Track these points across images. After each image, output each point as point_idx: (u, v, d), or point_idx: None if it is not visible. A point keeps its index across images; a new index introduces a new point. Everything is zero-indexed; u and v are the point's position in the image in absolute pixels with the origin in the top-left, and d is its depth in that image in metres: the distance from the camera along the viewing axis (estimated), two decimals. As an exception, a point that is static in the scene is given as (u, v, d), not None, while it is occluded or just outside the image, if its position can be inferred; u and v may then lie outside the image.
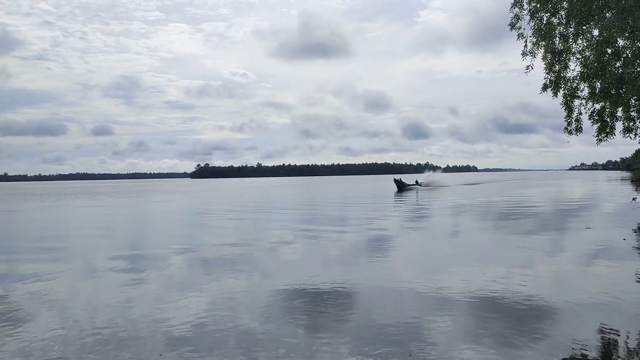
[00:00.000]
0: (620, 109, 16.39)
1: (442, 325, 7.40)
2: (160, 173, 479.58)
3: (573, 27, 15.30)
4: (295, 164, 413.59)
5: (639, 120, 16.48)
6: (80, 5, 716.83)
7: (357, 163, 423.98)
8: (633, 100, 16.03)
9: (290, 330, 7.34)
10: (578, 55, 15.93)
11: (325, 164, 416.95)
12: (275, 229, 21.97)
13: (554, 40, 15.87)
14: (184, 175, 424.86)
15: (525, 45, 16.45)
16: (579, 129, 16.76)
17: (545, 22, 15.82)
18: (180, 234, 20.84)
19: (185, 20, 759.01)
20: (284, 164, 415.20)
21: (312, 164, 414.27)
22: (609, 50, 14.95)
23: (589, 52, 15.43)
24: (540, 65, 16.55)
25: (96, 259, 14.48)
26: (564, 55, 16.05)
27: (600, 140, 16.79)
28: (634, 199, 28.70)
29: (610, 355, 6.27)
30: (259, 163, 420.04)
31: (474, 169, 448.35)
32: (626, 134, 16.69)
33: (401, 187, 63.80)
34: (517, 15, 16.38)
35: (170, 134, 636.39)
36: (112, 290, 10.18)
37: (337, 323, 7.67)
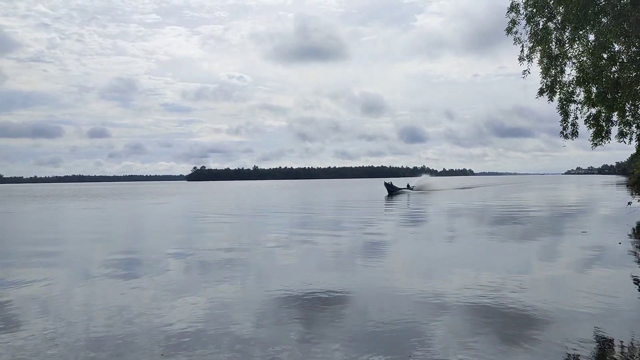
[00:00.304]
0: (615, 113, 16.45)
1: (437, 330, 7.36)
2: (156, 175, 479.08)
3: (569, 32, 15.37)
4: (291, 167, 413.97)
5: (634, 125, 16.54)
6: (77, 8, 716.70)
7: (354, 166, 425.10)
8: (628, 105, 16.09)
9: (286, 334, 7.29)
10: (574, 60, 16.00)
11: (322, 167, 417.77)
12: (267, 232, 21.91)
13: (550, 44, 15.93)
14: (180, 177, 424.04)
15: (522, 50, 16.51)
16: (575, 134, 16.81)
17: (541, 27, 15.88)
18: (177, 237, 20.75)
19: (183, 23, 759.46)
20: (280, 167, 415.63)
21: (309, 167, 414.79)
22: (605, 55, 15.02)
23: (585, 57, 15.49)
24: (537, 70, 16.62)
25: (94, 262, 14.39)
26: (560, 59, 16.10)
27: (595, 144, 16.85)
28: (629, 203, 28.75)
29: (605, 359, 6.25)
30: (255, 166, 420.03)
31: (470, 173, 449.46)
32: (621, 139, 16.75)
33: (392, 191, 62.50)
34: (514, 20, 16.45)
35: (167, 137, 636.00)
36: (110, 294, 10.11)
37: (332, 327, 7.62)
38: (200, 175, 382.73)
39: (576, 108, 16.72)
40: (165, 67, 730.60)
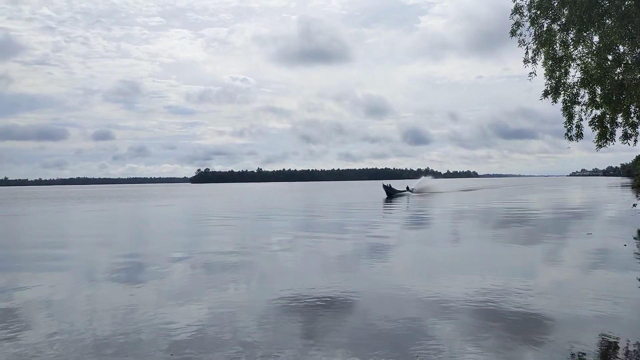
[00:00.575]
0: (620, 115, 16.41)
1: (442, 332, 7.36)
2: (160, 178, 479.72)
3: (573, 34, 15.35)
4: (295, 169, 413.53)
5: (639, 126, 16.47)
6: (82, 11, 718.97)
7: (358, 168, 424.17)
8: (633, 107, 16.05)
9: (291, 336, 7.30)
10: (578, 62, 15.98)
11: (326, 169, 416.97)
12: (269, 235, 21.95)
13: (555, 46, 15.92)
14: (184, 180, 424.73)
15: (527, 53, 16.51)
16: (579, 135, 16.78)
17: (545, 29, 15.88)
18: (182, 240, 20.84)
19: (187, 25, 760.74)
20: (284, 169, 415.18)
21: (313, 169, 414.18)
22: (610, 57, 15.00)
23: (590, 59, 15.47)
24: (541, 72, 16.60)
25: (101, 264, 14.50)
26: (565, 61, 16.09)
27: (600, 146, 16.83)
28: (634, 205, 28.65)
29: (612, 362, 6.24)
30: (259, 168, 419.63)
31: (474, 175, 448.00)
32: (625, 140, 16.71)
33: (391, 194, 60.02)
34: (518, 22, 16.44)
35: (171, 139, 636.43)
36: (117, 296, 10.17)
37: (337, 329, 7.64)
38: (204, 177, 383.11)
39: (581, 110, 16.70)
40: (169, 70, 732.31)
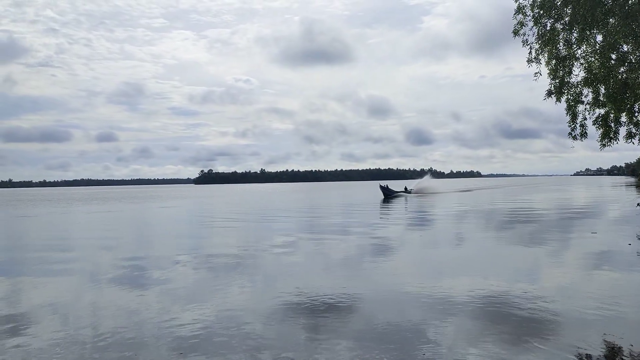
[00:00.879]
0: (624, 114, 16.40)
1: (447, 332, 7.39)
2: (164, 179, 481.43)
3: (577, 33, 15.34)
4: (298, 170, 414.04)
5: (643, 125, 16.43)
6: (85, 13, 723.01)
7: (361, 169, 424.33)
8: (637, 106, 16.04)
9: (296, 337, 7.34)
10: (582, 61, 15.98)
11: (329, 170, 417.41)
12: (269, 236, 22.03)
13: (558, 46, 15.92)
14: (188, 181, 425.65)
15: (530, 52, 16.51)
16: (584, 134, 16.76)
17: (549, 28, 15.88)
18: (189, 241, 20.94)
19: (189, 27, 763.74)
20: (287, 170, 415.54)
21: (316, 170, 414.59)
22: (614, 56, 14.99)
23: (594, 58, 15.46)
24: (545, 71, 16.60)
25: (108, 266, 14.57)
26: (568, 60, 16.08)
27: (604, 145, 16.81)
28: (638, 205, 28.61)
29: (617, 360, 6.25)
30: (262, 169, 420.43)
31: (477, 175, 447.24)
32: (629, 140, 16.69)
33: (388, 195, 57.36)
34: (521, 21, 16.45)
35: (174, 140, 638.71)
36: (125, 297, 10.25)
37: (342, 330, 7.68)
38: (208, 178, 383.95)
39: (584, 109, 16.69)
40: (172, 71, 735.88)
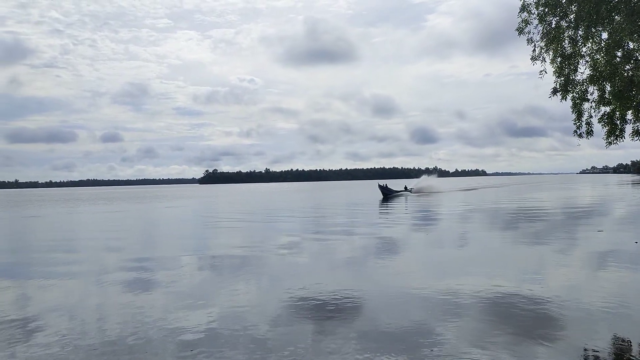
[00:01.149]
0: (630, 112, 16.32)
1: (453, 330, 7.40)
2: (168, 179, 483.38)
3: (582, 30, 15.29)
4: (303, 169, 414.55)
5: (650, 123, 16.36)
6: (90, 14, 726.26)
7: (365, 168, 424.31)
8: (643, 103, 15.95)
9: (302, 336, 7.38)
10: (587, 59, 15.92)
11: (333, 169, 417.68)
12: (273, 236, 22.11)
13: (563, 43, 15.87)
14: (193, 181, 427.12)
15: (534, 50, 16.46)
16: (590, 132, 16.70)
17: (554, 26, 15.83)
18: (194, 241, 21.05)
19: (194, 27, 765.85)
20: (291, 170, 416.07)
21: (320, 169, 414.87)
22: (619, 53, 14.93)
23: (599, 55, 15.41)
24: (549, 69, 16.55)
25: (116, 265, 14.68)
26: (573, 58, 16.03)
27: (610, 143, 16.73)
28: (645, 202, 28.48)
29: None
30: (266, 168, 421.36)
31: (482, 173, 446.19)
32: (635, 137, 16.60)
33: (387, 195, 55.18)
34: (526, 19, 16.40)
35: (179, 140, 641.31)
36: (132, 296, 10.33)
37: (346, 329, 7.72)
38: (212, 178, 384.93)
39: (590, 107, 16.62)
40: (176, 71, 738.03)
